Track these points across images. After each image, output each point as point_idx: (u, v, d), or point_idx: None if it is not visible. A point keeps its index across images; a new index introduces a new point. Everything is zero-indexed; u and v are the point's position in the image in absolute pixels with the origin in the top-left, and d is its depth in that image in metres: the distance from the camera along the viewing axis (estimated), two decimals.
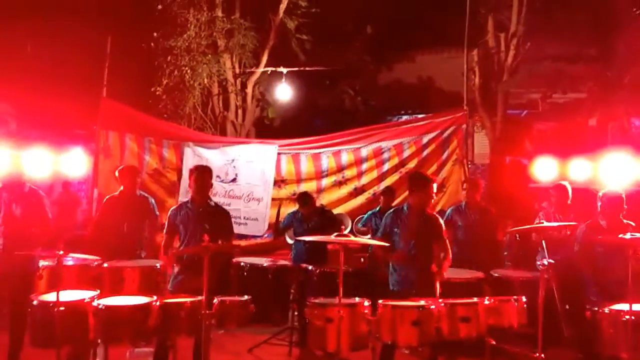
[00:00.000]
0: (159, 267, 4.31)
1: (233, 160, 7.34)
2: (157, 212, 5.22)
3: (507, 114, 9.21)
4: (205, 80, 8.68)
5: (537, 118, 9.57)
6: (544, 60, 8.27)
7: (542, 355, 3.84)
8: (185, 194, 6.74)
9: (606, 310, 3.59)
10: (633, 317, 3.39)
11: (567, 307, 4.88)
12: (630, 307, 3.38)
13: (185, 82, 8.56)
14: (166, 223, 4.41)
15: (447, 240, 4.47)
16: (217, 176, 7.28)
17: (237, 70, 9.20)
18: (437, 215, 4.52)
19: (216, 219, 4.33)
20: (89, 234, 5.80)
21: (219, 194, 7.22)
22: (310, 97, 9.98)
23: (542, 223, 4.66)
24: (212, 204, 4.48)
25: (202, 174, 4.40)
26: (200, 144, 7.41)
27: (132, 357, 4.82)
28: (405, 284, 4.26)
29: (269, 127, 9.60)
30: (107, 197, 5.26)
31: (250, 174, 7.32)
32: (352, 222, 6.88)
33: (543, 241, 4.27)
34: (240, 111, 9.21)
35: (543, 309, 3.92)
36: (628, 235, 3.70)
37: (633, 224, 4.36)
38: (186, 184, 7.10)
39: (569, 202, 5.41)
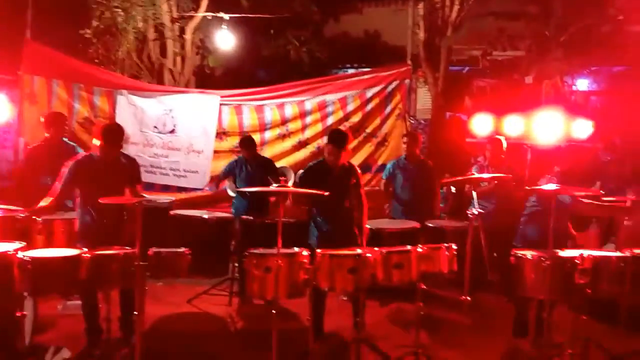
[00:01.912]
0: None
1: (171, 111, 7.05)
2: None
3: (449, 70, 9.34)
4: (140, 24, 8.13)
5: (478, 75, 9.78)
6: (486, 17, 8.35)
7: (469, 298, 4.09)
8: None
9: (529, 256, 3.81)
10: (553, 262, 3.62)
11: (495, 254, 5.19)
12: (550, 252, 3.61)
13: (117, 26, 8.00)
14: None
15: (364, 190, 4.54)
16: (155, 127, 7.01)
17: (175, 15, 8.68)
18: (355, 166, 4.57)
19: (127, 170, 4.17)
20: (13, 184, 5.50)
21: (156, 145, 6.97)
22: (254, 47, 9.62)
23: (474, 175, 4.86)
24: (122, 155, 4.23)
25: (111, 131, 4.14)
26: (135, 92, 7.05)
27: (65, 309, 4.72)
28: (324, 239, 4.31)
29: (210, 76, 9.21)
30: (31, 146, 4.95)
31: (190, 125, 7.08)
32: (295, 175, 6.89)
33: (473, 192, 4.45)
34: (178, 59, 8.75)
35: (470, 256, 4.14)
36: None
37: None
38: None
39: (502, 155, 5.64)
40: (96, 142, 4.01)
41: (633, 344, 3.96)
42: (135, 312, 3.37)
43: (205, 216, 5.06)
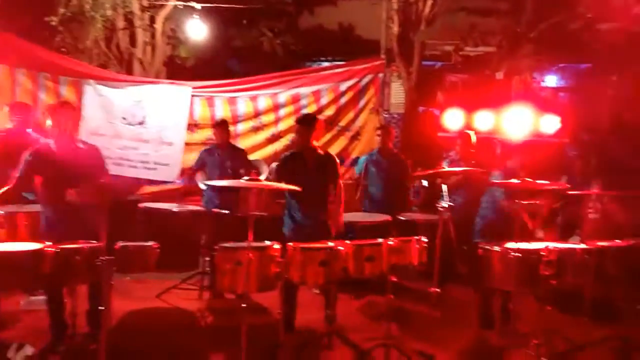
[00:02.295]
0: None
1: (141, 101, 6.90)
2: None
3: (423, 65, 9.41)
4: (109, 12, 7.91)
5: (450, 70, 9.88)
6: (458, 13, 8.44)
7: (438, 289, 4.15)
8: (86, 134, 6.30)
9: (496, 248, 3.87)
10: (519, 255, 3.69)
11: (465, 247, 5.28)
12: (517, 244, 3.68)
13: (85, 13, 7.77)
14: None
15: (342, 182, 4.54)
16: (123, 118, 6.86)
17: (145, 3, 8.48)
18: (333, 155, 4.55)
19: (86, 159, 4.01)
20: None
21: (125, 137, 6.83)
22: (226, 37, 9.48)
23: (444, 168, 4.92)
24: (80, 143, 4.08)
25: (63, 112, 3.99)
26: (103, 82, 6.88)
27: (28, 305, 4.59)
28: (299, 230, 4.31)
29: (181, 67, 9.04)
30: None
31: (161, 117, 6.95)
32: (269, 168, 6.85)
33: (443, 185, 4.50)
34: (148, 48, 8.56)
35: (440, 248, 4.19)
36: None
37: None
38: (87, 124, 6.66)
39: (472, 149, 5.72)
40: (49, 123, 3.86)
41: (596, 334, 4.08)
42: (101, 307, 3.29)
43: (175, 209, 4.99)
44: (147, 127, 6.94)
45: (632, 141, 5.96)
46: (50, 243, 3.33)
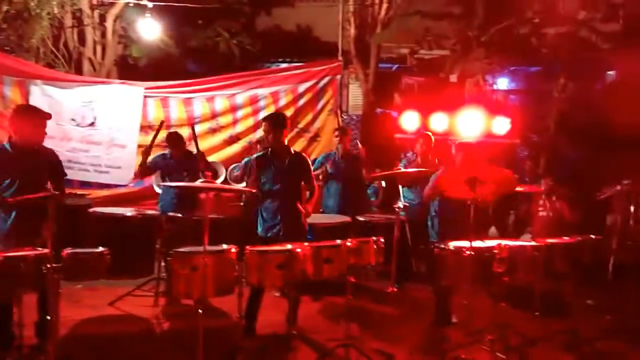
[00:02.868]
0: None
1: (91, 102, 6.68)
2: None
3: (379, 67, 9.55)
4: (56, 9, 7.60)
5: (406, 72, 10.05)
6: (413, 16, 8.61)
7: (395, 289, 4.20)
8: None
9: (451, 247, 3.96)
10: (473, 253, 3.78)
11: (422, 247, 5.37)
12: (471, 244, 3.77)
13: (30, 10, 7.43)
14: None
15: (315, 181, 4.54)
16: (72, 119, 6.62)
17: (95, 1, 8.20)
18: (304, 155, 4.55)
19: (47, 164, 3.89)
20: None
21: (74, 139, 6.59)
22: (181, 37, 9.27)
23: (400, 169, 4.99)
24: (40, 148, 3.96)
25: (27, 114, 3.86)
26: (50, 82, 6.61)
27: None
28: (272, 229, 4.29)
29: (134, 67, 8.78)
30: None
31: (112, 118, 6.75)
32: (227, 171, 6.76)
33: (400, 186, 4.57)
34: (99, 48, 8.27)
35: (397, 248, 4.24)
36: None
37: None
38: None
39: (430, 150, 5.83)
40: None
41: (546, 328, 4.23)
42: (48, 317, 3.15)
43: (128, 214, 4.83)
44: (97, 128, 6.72)
45: (578, 141, 6.24)
46: None
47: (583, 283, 4.31)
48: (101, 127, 6.72)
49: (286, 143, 4.39)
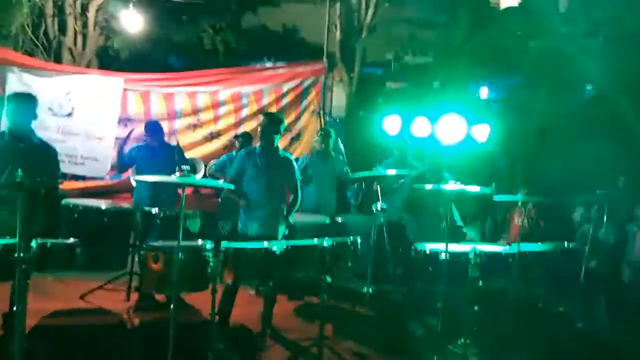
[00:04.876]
0: None
1: (69, 92, 6.54)
2: None
3: (364, 71, 9.60)
4: None
5: (390, 77, 10.14)
6: (399, 23, 8.70)
7: (370, 290, 4.21)
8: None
9: (427, 250, 3.99)
10: (448, 257, 3.82)
11: (399, 249, 5.39)
12: (447, 247, 3.80)
13: None
14: None
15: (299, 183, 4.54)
16: (49, 108, 6.46)
17: None
18: (289, 157, 4.55)
19: (38, 154, 3.85)
20: None
21: (50, 129, 6.42)
22: (165, 31, 9.18)
23: (380, 172, 5.02)
24: (35, 138, 3.96)
25: (22, 102, 3.86)
26: (28, 70, 6.45)
27: None
28: (252, 226, 4.27)
29: (115, 59, 8.65)
30: None
31: (90, 109, 6.61)
32: (206, 167, 6.69)
33: (378, 187, 4.59)
34: (80, 38, 8.12)
35: (374, 250, 4.25)
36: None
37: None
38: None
39: (410, 154, 5.89)
40: None
41: (518, 334, 4.27)
42: (14, 308, 3.06)
43: (103, 207, 4.74)
44: (75, 119, 6.58)
45: (557, 152, 6.36)
46: None
47: (555, 290, 4.39)
48: (79, 118, 6.59)
49: (276, 145, 4.38)
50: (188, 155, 6.52)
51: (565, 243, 4.31)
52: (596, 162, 5.95)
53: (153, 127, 5.55)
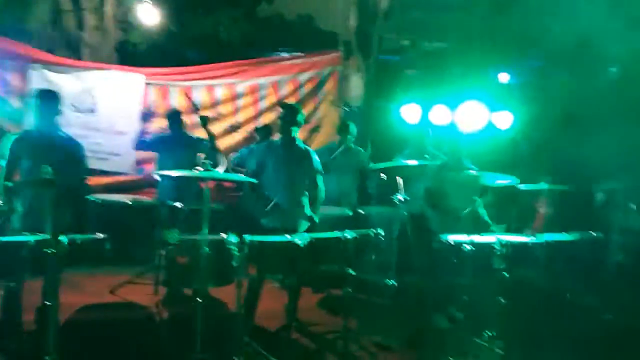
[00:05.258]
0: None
1: (91, 88, 6.63)
2: None
3: (381, 58, 9.48)
4: None
5: (407, 64, 10.00)
6: (414, 8, 8.57)
7: (395, 282, 4.20)
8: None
9: (450, 241, 3.96)
10: (473, 248, 3.79)
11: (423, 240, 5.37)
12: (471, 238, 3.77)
13: None
14: (6, 154, 3.91)
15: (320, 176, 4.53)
16: (72, 105, 6.56)
17: None
18: (310, 149, 4.54)
19: (65, 150, 3.92)
20: None
21: (73, 125, 6.50)
22: (182, 24, 9.20)
23: (400, 162, 4.99)
24: (62, 134, 4.04)
25: (47, 98, 3.93)
26: (50, 66, 6.54)
27: None
28: (274, 219, 4.29)
29: (134, 53, 8.70)
30: None
31: (112, 105, 6.69)
32: (227, 159, 6.73)
33: (399, 178, 4.56)
34: (99, 33, 8.18)
35: (398, 241, 4.25)
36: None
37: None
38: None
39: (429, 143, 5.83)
40: None
41: (546, 326, 4.24)
42: (47, 302, 3.15)
43: (129, 202, 4.82)
44: (97, 115, 6.67)
45: (581, 139, 6.23)
46: None
47: (582, 281, 4.33)
48: (101, 114, 6.68)
49: (295, 137, 4.37)
50: None
51: (592, 232, 4.24)
52: (623, 147, 5.81)
53: (173, 115, 5.62)
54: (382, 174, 6.61)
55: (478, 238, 3.87)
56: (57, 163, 3.28)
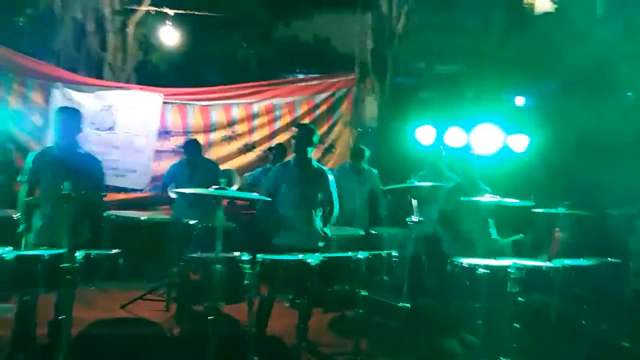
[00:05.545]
0: (15, 217, 3.90)
1: (110, 107, 6.78)
2: (14, 157, 4.70)
3: (396, 80, 9.54)
4: (79, 14, 7.76)
5: (423, 87, 10.04)
6: (430, 30, 8.64)
7: (408, 304, 4.16)
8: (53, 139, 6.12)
9: (464, 264, 3.92)
10: (487, 271, 3.75)
11: (436, 263, 5.31)
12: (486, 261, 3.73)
13: (53, 14, 7.59)
14: (27, 170, 3.99)
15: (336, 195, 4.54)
16: (92, 123, 6.71)
17: (117, 7, 8.34)
18: (324, 169, 4.56)
19: (83, 167, 4.00)
20: None
21: (93, 142, 6.65)
22: (200, 45, 9.42)
23: (414, 183, 4.97)
24: (82, 150, 4.13)
25: (68, 116, 4.03)
26: (71, 85, 6.72)
27: None
28: (286, 238, 4.29)
29: (153, 73, 8.92)
30: None
31: (131, 123, 6.84)
32: (241, 178, 6.79)
33: (413, 200, 4.55)
34: (120, 53, 8.41)
35: (410, 263, 4.21)
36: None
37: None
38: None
39: (443, 165, 5.82)
40: None
41: (564, 353, 4.14)
42: (61, 317, 3.17)
43: (143, 218, 4.87)
44: (116, 132, 6.81)
45: (597, 163, 6.16)
46: (11, 248, 3.21)
47: (598, 307, 4.23)
48: (119, 131, 6.82)
49: (310, 157, 4.40)
50: (223, 167, 6.64)
51: (609, 259, 4.17)
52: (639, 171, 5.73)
53: (192, 145, 5.69)
54: (391, 195, 6.60)
55: (492, 262, 3.83)
56: (75, 179, 3.35)
